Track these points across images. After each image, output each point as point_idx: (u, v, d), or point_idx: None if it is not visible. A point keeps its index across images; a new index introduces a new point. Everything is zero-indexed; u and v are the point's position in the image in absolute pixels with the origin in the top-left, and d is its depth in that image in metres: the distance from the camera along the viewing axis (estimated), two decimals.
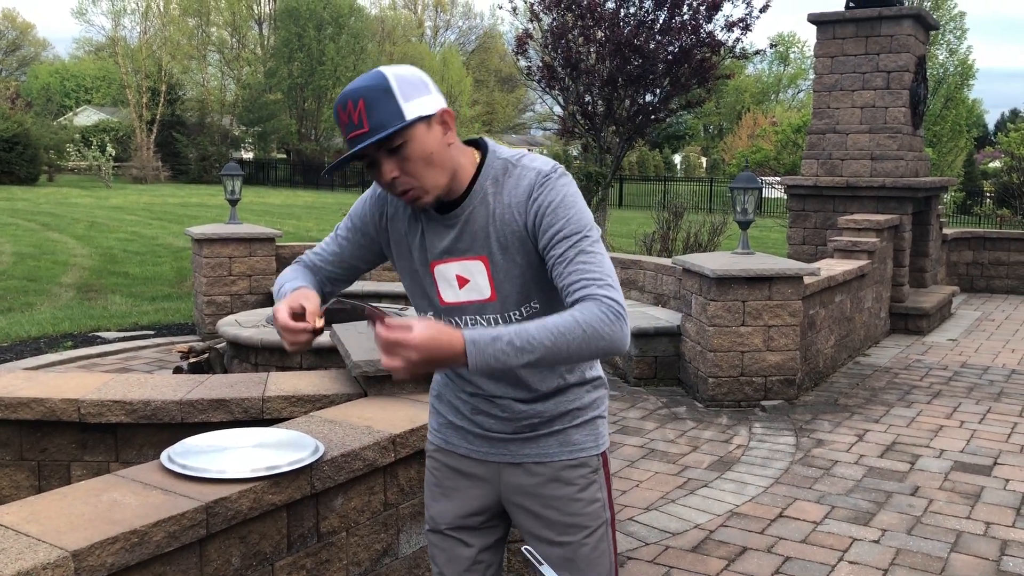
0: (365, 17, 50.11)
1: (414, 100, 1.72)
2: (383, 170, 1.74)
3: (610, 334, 1.68)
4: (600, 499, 1.98)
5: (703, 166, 52.77)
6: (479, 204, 1.82)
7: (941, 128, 30.66)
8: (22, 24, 66.15)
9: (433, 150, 1.74)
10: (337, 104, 1.74)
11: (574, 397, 1.96)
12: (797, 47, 63.37)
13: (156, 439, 3.17)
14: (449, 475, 2.03)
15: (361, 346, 3.38)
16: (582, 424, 1.97)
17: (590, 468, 1.97)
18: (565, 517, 1.94)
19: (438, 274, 1.87)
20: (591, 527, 1.96)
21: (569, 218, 1.75)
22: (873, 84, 9.50)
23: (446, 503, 2.03)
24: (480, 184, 1.82)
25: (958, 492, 4.60)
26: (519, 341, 1.63)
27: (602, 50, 11.99)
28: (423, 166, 1.74)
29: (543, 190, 1.77)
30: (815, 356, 6.84)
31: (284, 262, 8.52)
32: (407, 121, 1.70)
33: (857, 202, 9.46)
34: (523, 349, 1.63)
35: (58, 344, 7.67)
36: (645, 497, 4.46)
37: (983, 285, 12.22)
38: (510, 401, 1.93)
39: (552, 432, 1.95)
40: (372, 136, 1.69)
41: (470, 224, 1.83)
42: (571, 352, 1.66)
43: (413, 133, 1.72)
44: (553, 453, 1.95)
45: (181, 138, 42.54)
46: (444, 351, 1.60)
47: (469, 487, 2.01)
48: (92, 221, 20.01)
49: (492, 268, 1.83)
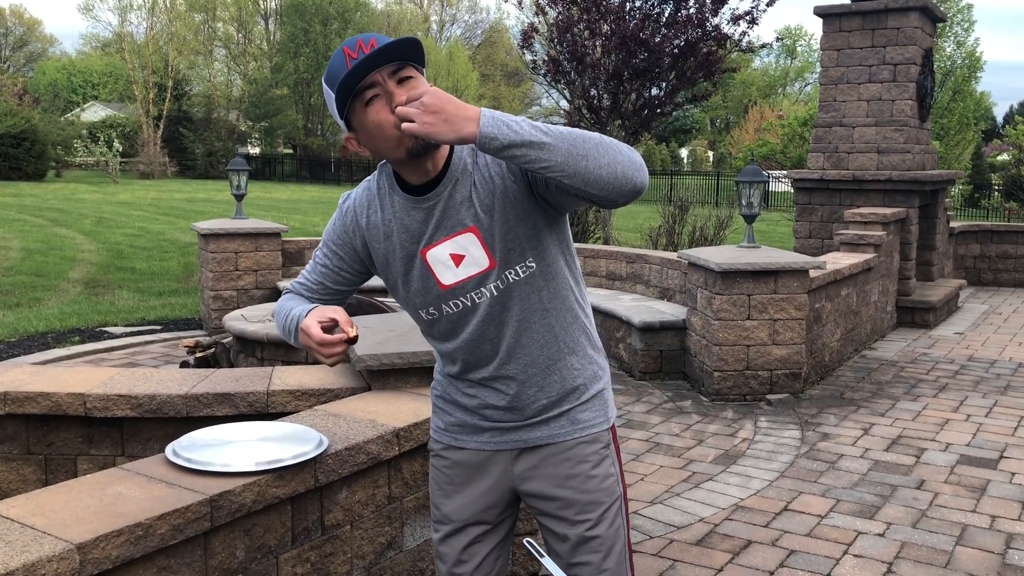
0: (371, 12, 50.10)
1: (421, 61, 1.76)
2: (395, 94, 1.68)
3: (629, 153, 1.63)
4: (614, 473, 2.00)
5: (709, 160, 52.66)
6: (461, 176, 1.81)
7: (948, 121, 30.54)
8: (29, 20, 66.29)
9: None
10: (343, 45, 1.71)
11: (577, 371, 1.95)
12: (804, 40, 63.15)
13: (162, 433, 3.19)
14: (460, 471, 2.02)
15: (365, 340, 3.39)
16: (589, 400, 1.97)
17: (602, 443, 1.98)
18: (582, 495, 1.94)
19: (431, 259, 1.86)
20: (607, 503, 1.96)
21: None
22: (880, 77, 9.46)
23: (460, 499, 2.02)
24: (457, 157, 1.82)
25: (964, 485, 4.60)
26: (535, 122, 1.60)
27: (608, 44, 11.96)
28: (431, 113, 1.67)
29: None
30: (821, 350, 6.83)
31: (290, 257, 8.54)
32: (422, 56, 1.72)
33: (863, 195, 9.43)
34: (537, 127, 1.59)
35: (65, 339, 7.70)
36: (650, 490, 4.46)
37: (990, 279, 12.18)
38: (513, 382, 1.92)
39: (561, 413, 1.95)
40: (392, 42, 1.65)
41: (453, 198, 1.81)
42: (587, 151, 1.59)
43: (419, 75, 1.74)
44: (564, 433, 1.95)
45: (188, 133, 42.62)
46: (457, 104, 1.57)
47: (481, 480, 2.00)
48: (99, 217, 20.07)
49: (483, 235, 1.82)
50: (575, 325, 1.95)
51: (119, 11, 47.08)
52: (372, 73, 1.68)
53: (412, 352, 3.21)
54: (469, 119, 1.57)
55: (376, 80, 1.69)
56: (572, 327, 1.94)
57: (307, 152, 46.14)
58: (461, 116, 1.57)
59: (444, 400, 2.05)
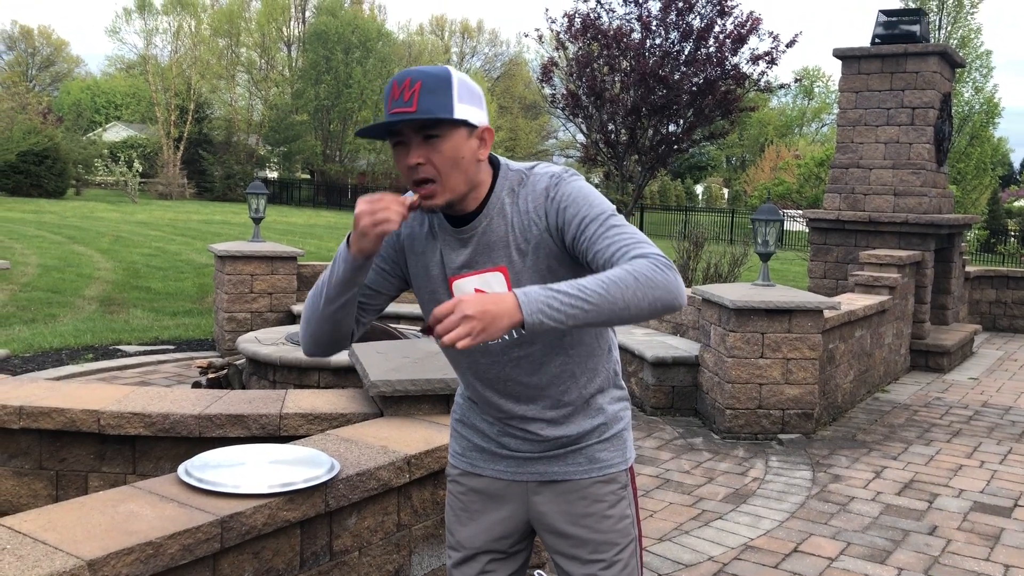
0: (392, 42, 50.64)
1: (467, 105, 1.75)
2: (411, 153, 1.74)
3: (664, 281, 1.63)
4: (629, 515, 1.98)
5: (724, 197, 52.72)
6: (496, 215, 1.83)
7: (966, 166, 30.50)
8: (56, 41, 67.32)
9: (464, 156, 1.76)
10: (394, 79, 1.76)
11: (598, 409, 1.95)
12: (822, 81, 63.38)
13: (173, 452, 3.19)
14: (476, 499, 2.01)
15: (379, 366, 3.40)
16: (609, 439, 1.97)
17: (619, 484, 1.97)
18: (596, 535, 1.93)
19: (456, 289, 1.88)
20: (621, 544, 1.95)
21: (592, 203, 1.78)
22: (897, 120, 9.49)
23: (474, 527, 2.01)
24: (496, 196, 1.84)
25: (977, 533, 4.54)
26: (569, 288, 1.58)
27: (627, 79, 12.06)
28: (450, 166, 1.75)
29: (559, 188, 1.80)
30: (834, 391, 6.79)
31: (305, 281, 8.58)
32: (454, 118, 1.72)
33: (879, 237, 9.41)
34: (576, 296, 1.57)
35: (79, 356, 7.74)
36: (659, 528, 4.43)
37: (1006, 324, 12.10)
38: (536, 423, 1.92)
39: (579, 449, 1.95)
40: (417, 115, 1.69)
41: (487, 236, 1.84)
42: (627, 301, 1.59)
43: (454, 132, 1.74)
44: (583, 471, 1.95)
45: (207, 156, 43.02)
46: (492, 302, 1.56)
47: (497, 509, 2.00)
48: (117, 236, 20.24)
49: (512, 277, 1.84)
50: (599, 367, 1.95)
51: (145, 34, 47.66)
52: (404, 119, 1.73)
53: (425, 379, 3.21)
54: (510, 314, 1.56)
55: (403, 131, 1.75)
56: (596, 370, 1.95)
57: (324, 178, 46.47)
58: (502, 314, 1.56)
59: (463, 424, 2.06)
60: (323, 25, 45.87)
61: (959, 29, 32.21)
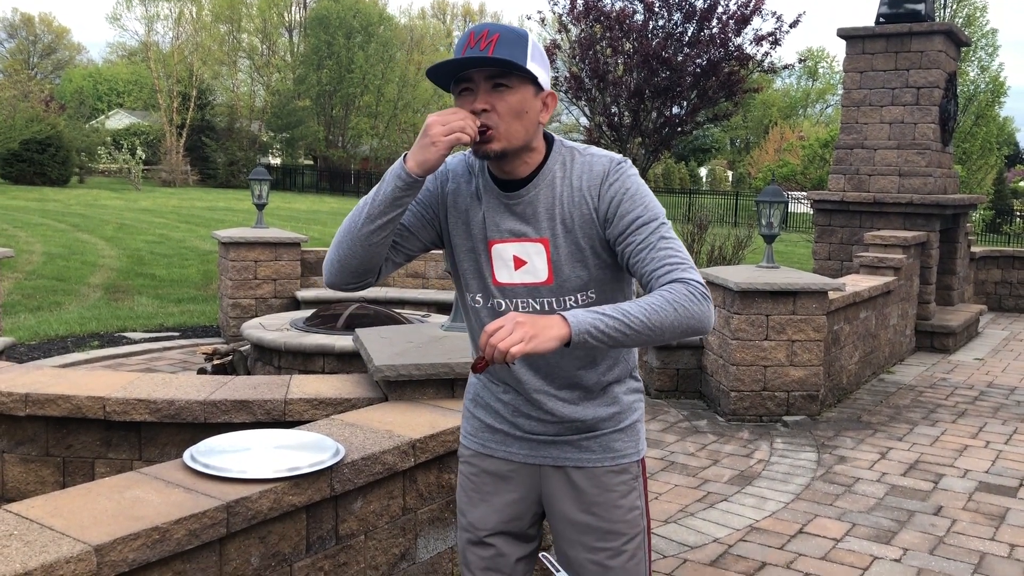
0: (394, 26, 50.43)
1: (539, 65, 1.78)
2: (479, 98, 1.75)
3: (698, 312, 1.71)
4: (639, 507, 1.98)
5: (729, 179, 52.57)
6: (546, 186, 1.84)
7: (971, 145, 30.36)
8: (58, 28, 67.18)
9: (528, 111, 1.78)
10: (471, 29, 1.77)
11: (614, 398, 1.96)
12: (826, 62, 63.06)
13: (179, 438, 3.20)
14: (487, 480, 2.01)
15: (383, 351, 3.40)
16: (624, 429, 1.97)
17: (631, 475, 1.97)
18: (604, 523, 1.94)
19: (495, 253, 1.87)
20: (629, 535, 1.95)
21: (647, 205, 1.79)
22: (902, 100, 9.44)
23: (486, 508, 2.00)
24: (549, 166, 1.84)
25: (982, 513, 4.55)
26: (614, 312, 1.66)
27: (630, 62, 12.01)
28: (512, 116, 1.76)
29: (618, 176, 1.81)
30: (839, 372, 6.78)
31: (309, 267, 8.58)
32: (527, 69, 1.74)
33: (884, 218, 9.38)
34: (620, 320, 1.65)
35: (85, 343, 7.76)
36: (664, 510, 4.44)
37: (1011, 304, 12.07)
38: (551, 400, 1.92)
39: (594, 436, 1.95)
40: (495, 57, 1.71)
41: (534, 205, 1.84)
42: (664, 328, 1.68)
43: (522, 86, 1.77)
44: (596, 459, 1.95)
45: (210, 143, 42.98)
46: (543, 319, 1.62)
47: (508, 491, 1.99)
48: (121, 223, 20.26)
49: (553, 250, 1.84)
50: (620, 358, 1.96)
51: (146, 21, 47.66)
52: (472, 71, 1.75)
53: (430, 364, 3.22)
54: (559, 327, 1.62)
55: (472, 76, 1.76)
56: (616, 360, 1.95)
57: (327, 163, 46.42)
58: (551, 325, 1.62)
59: (477, 404, 2.05)
60: (324, 10, 45.71)
61: (964, 7, 31.97)
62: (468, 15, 65.62)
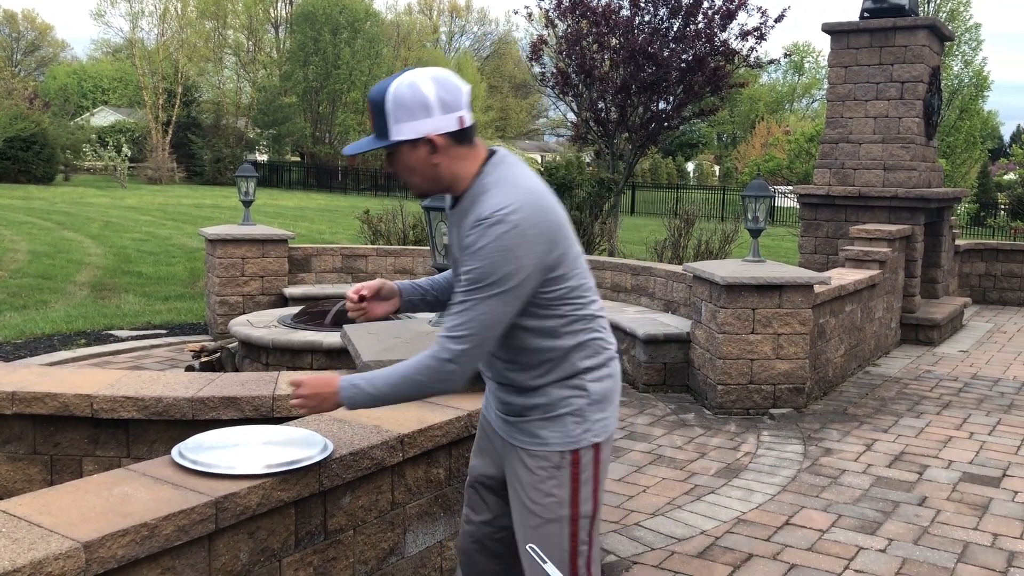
0: (381, 22, 50.25)
1: (403, 123, 1.99)
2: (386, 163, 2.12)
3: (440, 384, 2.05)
4: (556, 496, 2.14)
5: (716, 174, 52.71)
6: (462, 214, 2.10)
7: (955, 139, 30.54)
8: (41, 25, 66.67)
9: (414, 166, 2.05)
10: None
11: (542, 394, 2.16)
12: (811, 57, 63.26)
13: (167, 435, 3.21)
14: (483, 437, 2.41)
15: (371, 347, 3.41)
16: (549, 419, 2.15)
17: (551, 463, 2.13)
18: (525, 500, 2.17)
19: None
20: (544, 518, 2.15)
21: (478, 265, 1.96)
22: (887, 94, 9.49)
23: (477, 459, 2.42)
24: (466, 198, 2.08)
25: (966, 503, 4.59)
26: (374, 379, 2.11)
27: (616, 57, 12.03)
28: (406, 173, 2.08)
29: (476, 230, 1.98)
30: (824, 365, 6.83)
31: (296, 263, 8.57)
32: (389, 142, 2.02)
33: (869, 212, 9.44)
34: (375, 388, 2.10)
35: (72, 342, 7.73)
36: (652, 503, 4.47)
37: (995, 297, 12.17)
38: (497, 388, 2.25)
39: (524, 421, 2.18)
40: (374, 142, 2.06)
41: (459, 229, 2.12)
42: (409, 396, 2.10)
43: (396, 149, 2.04)
44: (524, 440, 2.19)
45: (196, 140, 42.76)
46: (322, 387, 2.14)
47: (491, 451, 2.37)
48: (107, 221, 20.15)
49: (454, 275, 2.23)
50: (554, 369, 2.14)
51: (130, 17, 47.21)
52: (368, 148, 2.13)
53: None
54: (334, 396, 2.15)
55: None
56: (548, 369, 2.14)
57: (314, 160, 46.27)
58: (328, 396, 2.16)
59: None
60: (310, 6, 45.50)
61: (948, 2, 32.15)
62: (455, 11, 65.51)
